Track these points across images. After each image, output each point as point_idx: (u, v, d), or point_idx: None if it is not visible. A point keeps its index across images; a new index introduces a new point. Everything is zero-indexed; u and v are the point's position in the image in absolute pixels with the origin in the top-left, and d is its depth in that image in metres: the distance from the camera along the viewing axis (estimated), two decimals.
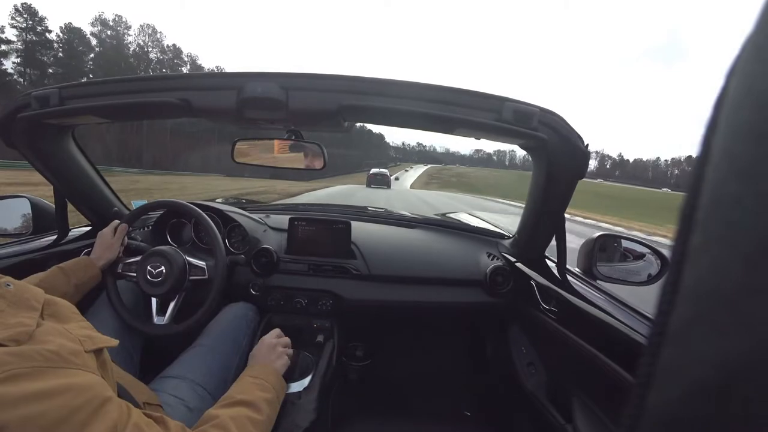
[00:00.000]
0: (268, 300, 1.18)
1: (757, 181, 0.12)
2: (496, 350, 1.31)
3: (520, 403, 1.07)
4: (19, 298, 0.48)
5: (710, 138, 0.14)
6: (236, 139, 1.08)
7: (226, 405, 0.66)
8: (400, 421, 1.04)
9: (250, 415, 0.64)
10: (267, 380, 0.75)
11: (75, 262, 0.92)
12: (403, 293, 1.19)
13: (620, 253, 1.03)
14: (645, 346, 0.15)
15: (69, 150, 1.03)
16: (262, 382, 0.74)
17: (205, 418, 0.62)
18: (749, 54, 0.13)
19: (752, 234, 0.12)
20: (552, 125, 0.78)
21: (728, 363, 0.12)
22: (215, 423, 0.59)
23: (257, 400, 0.68)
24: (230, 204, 1.46)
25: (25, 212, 1.13)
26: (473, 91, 0.76)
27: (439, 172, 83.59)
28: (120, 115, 0.95)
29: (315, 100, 0.77)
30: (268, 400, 0.70)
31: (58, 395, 0.38)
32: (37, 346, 0.41)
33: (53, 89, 0.83)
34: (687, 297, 0.14)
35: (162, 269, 0.97)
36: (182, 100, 0.78)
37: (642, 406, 0.14)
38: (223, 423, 0.59)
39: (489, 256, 1.22)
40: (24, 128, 0.89)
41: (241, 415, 0.63)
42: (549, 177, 0.88)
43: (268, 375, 0.77)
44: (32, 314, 0.47)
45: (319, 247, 1.22)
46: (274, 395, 0.74)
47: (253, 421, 0.63)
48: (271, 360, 0.84)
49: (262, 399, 0.69)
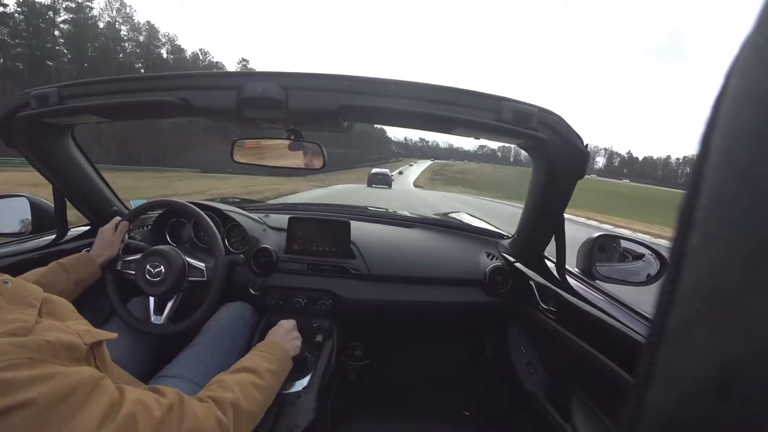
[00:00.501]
0: (268, 300, 1.18)
1: (757, 181, 0.12)
2: (495, 350, 1.31)
3: (519, 402, 1.07)
4: (17, 295, 0.48)
5: (709, 138, 0.14)
6: (235, 138, 1.08)
7: (232, 371, 0.70)
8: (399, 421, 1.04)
9: (254, 380, 0.68)
10: (274, 354, 0.79)
11: (75, 259, 0.92)
12: (403, 293, 1.19)
13: (619, 253, 1.03)
14: (644, 345, 0.15)
15: (68, 149, 1.03)
16: (269, 355, 0.78)
17: (212, 382, 0.66)
18: (749, 54, 0.13)
19: (751, 234, 0.12)
20: (551, 125, 0.78)
21: (727, 363, 0.12)
22: (220, 384, 0.64)
23: (261, 369, 0.72)
24: (229, 203, 1.46)
25: (25, 211, 1.13)
26: (472, 91, 0.76)
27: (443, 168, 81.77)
28: (119, 115, 0.94)
29: (315, 100, 0.77)
30: (272, 371, 0.74)
31: (54, 377, 0.40)
32: (36, 337, 0.42)
33: (52, 88, 0.83)
34: (686, 297, 0.14)
35: (161, 269, 0.97)
36: (182, 99, 0.78)
37: (641, 405, 0.14)
38: (227, 385, 0.64)
39: (488, 255, 1.22)
40: (23, 127, 0.89)
41: (245, 380, 0.67)
42: (548, 177, 0.88)
43: (276, 351, 0.81)
44: (30, 311, 0.47)
45: (319, 247, 1.22)
46: (279, 368, 0.78)
47: (256, 386, 0.68)
48: (284, 341, 0.88)
49: (266, 369, 0.73)
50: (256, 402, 0.65)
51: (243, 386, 0.65)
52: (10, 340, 0.40)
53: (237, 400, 0.61)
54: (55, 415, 0.38)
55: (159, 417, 0.48)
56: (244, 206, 1.45)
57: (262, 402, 0.68)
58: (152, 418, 0.47)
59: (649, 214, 18.30)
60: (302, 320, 1.18)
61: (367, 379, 1.40)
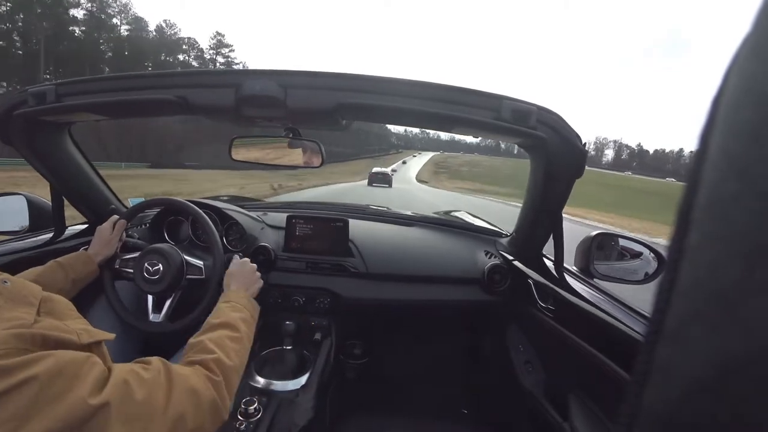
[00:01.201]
0: (266, 298, 1.18)
1: (755, 181, 0.12)
2: (494, 348, 1.31)
3: (517, 401, 1.08)
4: (16, 294, 0.48)
5: (708, 137, 0.14)
6: (234, 136, 1.08)
7: (205, 331, 0.71)
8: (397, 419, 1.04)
9: (229, 334, 0.70)
10: (240, 302, 0.81)
11: (73, 257, 0.92)
12: (401, 291, 1.19)
13: (617, 251, 1.03)
14: (642, 344, 0.15)
15: (66, 147, 1.03)
16: (236, 305, 0.79)
17: (189, 347, 0.66)
18: (748, 53, 0.13)
19: (749, 233, 0.12)
20: (550, 124, 0.78)
21: (725, 362, 0.12)
22: (199, 346, 0.64)
23: (233, 321, 0.74)
24: (228, 202, 1.46)
25: (22, 210, 1.13)
26: (472, 90, 0.77)
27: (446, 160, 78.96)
28: (117, 113, 0.94)
29: (314, 98, 0.77)
30: (243, 319, 0.76)
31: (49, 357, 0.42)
32: (34, 331, 0.43)
33: (49, 86, 0.82)
34: (684, 295, 0.14)
35: (159, 267, 0.97)
36: (180, 97, 0.78)
37: (638, 404, 0.14)
38: (206, 346, 0.64)
39: (486, 254, 1.23)
40: (20, 125, 0.88)
41: (221, 336, 0.68)
42: (547, 175, 0.88)
43: (240, 299, 0.83)
44: (29, 309, 0.48)
45: (317, 245, 1.22)
46: (248, 314, 0.80)
47: (232, 339, 0.69)
48: (246, 285, 0.90)
49: (237, 318, 0.75)
50: (237, 354, 0.67)
51: (221, 343, 0.66)
52: (11, 332, 0.42)
53: (220, 358, 0.63)
54: (53, 390, 0.40)
55: (150, 378, 0.49)
56: (242, 204, 1.45)
57: (243, 352, 0.71)
58: (143, 380, 0.48)
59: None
60: (301, 318, 1.18)
61: (366, 378, 1.40)
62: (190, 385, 0.54)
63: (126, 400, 0.45)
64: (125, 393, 0.45)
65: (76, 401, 0.40)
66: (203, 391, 0.56)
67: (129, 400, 0.45)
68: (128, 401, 0.45)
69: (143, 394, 0.47)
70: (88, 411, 0.41)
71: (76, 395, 0.41)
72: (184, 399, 0.52)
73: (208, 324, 0.73)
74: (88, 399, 0.41)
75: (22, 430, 0.37)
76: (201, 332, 0.70)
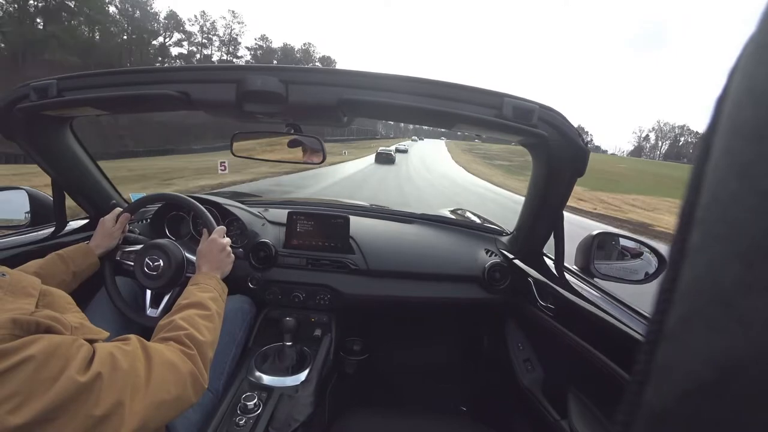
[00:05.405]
0: (266, 294, 1.18)
1: (758, 181, 0.12)
2: (493, 346, 1.31)
3: (516, 399, 1.08)
4: (15, 286, 0.49)
5: (711, 136, 0.14)
6: (236, 132, 1.07)
7: (175, 312, 0.72)
8: (396, 416, 1.04)
9: (199, 312, 0.72)
10: (208, 284, 0.82)
11: (74, 249, 0.92)
12: (401, 288, 1.19)
13: (618, 251, 1.03)
14: (642, 343, 0.15)
15: (67, 142, 1.03)
16: (204, 286, 0.81)
17: (159, 328, 0.68)
18: (751, 53, 0.13)
19: (751, 233, 0.12)
20: (551, 122, 0.78)
21: (726, 362, 0.12)
22: (169, 326, 0.66)
23: (201, 300, 0.76)
24: (229, 197, 1.46)
25: (23, 204, 1.13)
26: (473, 87, 0.76)
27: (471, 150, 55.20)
28: (118, 107, 0.94)
29: (315, 94, 0.76)
30: (212, 298, 0.78)
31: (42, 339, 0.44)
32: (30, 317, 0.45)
33: (51, 80, 0.82)
34: (685, 295, 0.14)
35: (160, 263, 0.97)
36: (181, 92, 0.77)
37: (638, 402, 0.14)
38: (177, 324, 0.66)
39: (487, 252, 1.23)
40: (22, 120, 0.88)
41: (191, 315, 0.70)
42: (548, 174, 0.88)
43: (209, 279, 0.84)
44: (30, 300, 0.50)
45: (318, 242, 1.22)
46: (217, 294, 0.81)
47: (203, 316, 0.71)
48: (216, 265, 0.90)
49: (206, 297, 0.77)
50: (208, 329, 0.69)
51: (191, 321, 0.68)
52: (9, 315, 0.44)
53: (191, 333, 0.65)
54: (49, 369, 0.43)
55: (130, 351, 0.53)
56: (243, 200, 1.45)
57: (214, 329, 0.72)
58: (126, 351, 0.52)
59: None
60: (301, 315, 1.19)
61: (365, 374, 1.41)
62: (167, 358, 0.57)
63: (115, 369, 0.48)
64: (112, 363, 0.48)
65: (70, 378, 0.43)
66: (180, 363, 0.58)
67: (117, 369, 0.48)
68: (116, 370, 0.48)
69: (128, 363, 0.50)
70: (81, 386, 0.44)
71: (70, 373, 0.43)
72: (164, 370, 0.55)
73: (178, 305, 0.74)
74: (79, 377, 0.44)
75: (24, 406, 0.39)
76: (171, 313, 0.72)
